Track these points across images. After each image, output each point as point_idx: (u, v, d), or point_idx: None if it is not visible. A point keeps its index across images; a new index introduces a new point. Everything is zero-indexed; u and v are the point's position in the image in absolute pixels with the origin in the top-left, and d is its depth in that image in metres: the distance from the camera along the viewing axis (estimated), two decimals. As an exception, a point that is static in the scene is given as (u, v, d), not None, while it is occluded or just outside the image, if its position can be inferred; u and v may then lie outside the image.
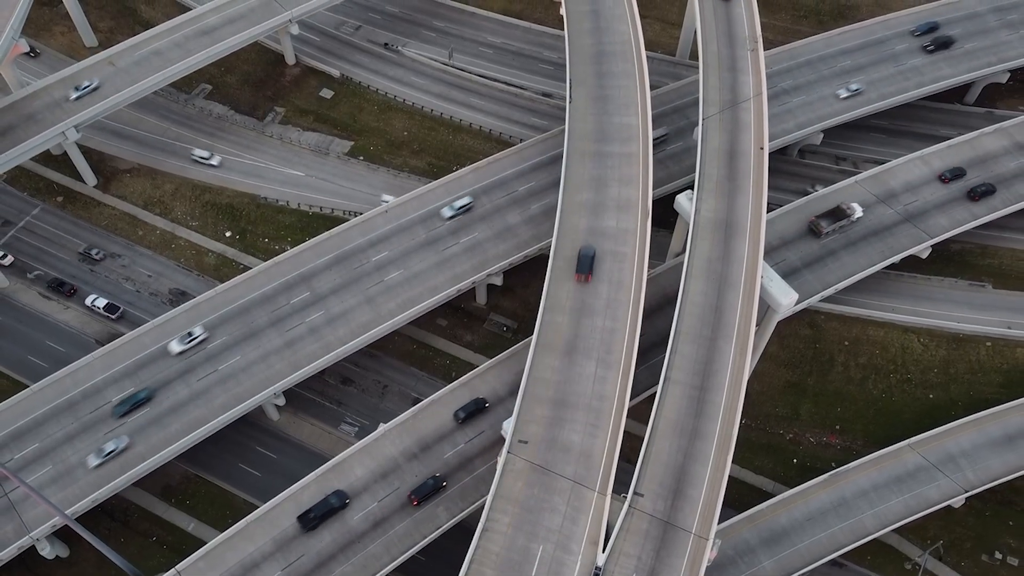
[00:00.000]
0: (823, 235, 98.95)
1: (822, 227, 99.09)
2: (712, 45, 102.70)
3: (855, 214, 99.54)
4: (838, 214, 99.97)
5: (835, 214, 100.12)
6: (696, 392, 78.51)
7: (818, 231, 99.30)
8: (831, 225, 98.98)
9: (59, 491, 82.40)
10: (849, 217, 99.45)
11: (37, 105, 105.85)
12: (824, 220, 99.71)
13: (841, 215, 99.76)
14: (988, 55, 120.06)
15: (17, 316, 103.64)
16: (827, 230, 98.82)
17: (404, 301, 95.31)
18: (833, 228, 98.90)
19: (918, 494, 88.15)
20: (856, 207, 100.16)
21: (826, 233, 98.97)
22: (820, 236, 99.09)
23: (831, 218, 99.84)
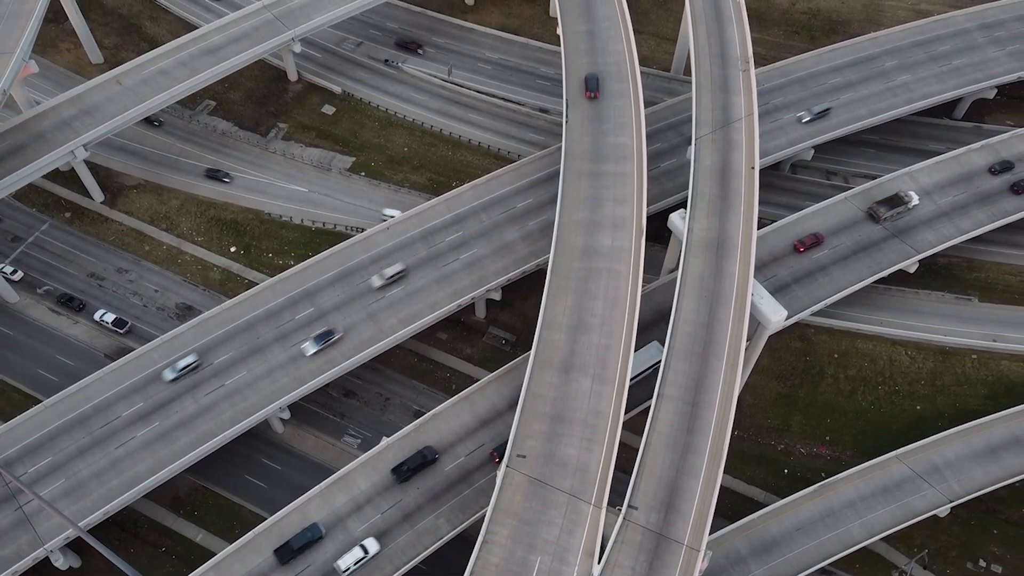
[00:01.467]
0: (881, 220, 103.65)
1: (881, 213, 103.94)
2: (705, 65, 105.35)
3: (912, 201, 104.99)
4: (895, 201, 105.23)
5: (893, 201, 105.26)
6: (688, 408, 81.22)
7: (877, 217, 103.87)
8: (889, 211, 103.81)
9: (71, 504, 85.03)
10: (906, 204, 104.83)
11: (47, 124, 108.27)
12: (883, 207, 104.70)
13: (899, 202, 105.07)
14: (975, 71, 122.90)
15: (27, 331, 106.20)
16: (885, 216, 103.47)
17: (405, 317, 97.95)
18: (891, 214, 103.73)
19: (904, 504, 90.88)
20: (913, 195, 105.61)
21: (884, 219, 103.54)
22: (879, 221, 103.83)
23: (889, 205, 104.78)
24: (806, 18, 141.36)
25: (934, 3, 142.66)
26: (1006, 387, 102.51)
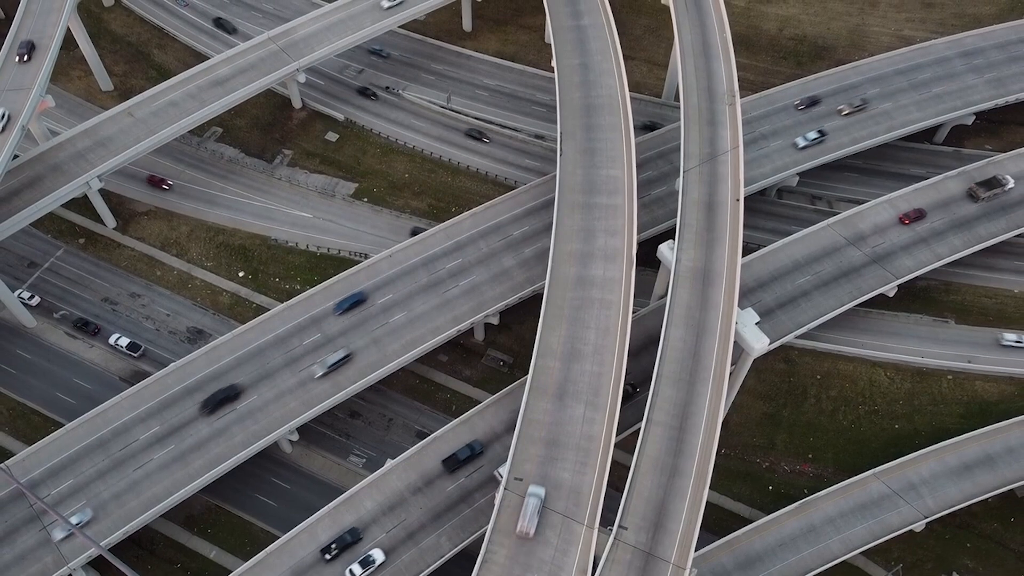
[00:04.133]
0: (980, 200, 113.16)
1: (980, 194, 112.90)
2: (693, 99, 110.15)
3: (1008, 184, 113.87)
4: (993, 183, 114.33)
5: (991, 183, 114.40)
6: (675, 432, 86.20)
7: (976, 196, 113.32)
8: (987, 192, 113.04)
9: (93, 524, 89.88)
10: (1003, 186, 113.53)
11: (63, 156, 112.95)
12: (982, 188, 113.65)
13: (996, 184, 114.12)
14: (955, 99, 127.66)
15: (45, 355, 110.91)
16: (983, 196, 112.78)
17: (408, 342, 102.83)
18: (989, 195, 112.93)
19: (881, 520, 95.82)
20: (1009, 178, 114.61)
21: (983, 199, 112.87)
22: (977, 200, 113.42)
23: (987, 186, 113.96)
24: (793, 44, 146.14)
25: (917, 29, 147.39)
26: (980, 407, 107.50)
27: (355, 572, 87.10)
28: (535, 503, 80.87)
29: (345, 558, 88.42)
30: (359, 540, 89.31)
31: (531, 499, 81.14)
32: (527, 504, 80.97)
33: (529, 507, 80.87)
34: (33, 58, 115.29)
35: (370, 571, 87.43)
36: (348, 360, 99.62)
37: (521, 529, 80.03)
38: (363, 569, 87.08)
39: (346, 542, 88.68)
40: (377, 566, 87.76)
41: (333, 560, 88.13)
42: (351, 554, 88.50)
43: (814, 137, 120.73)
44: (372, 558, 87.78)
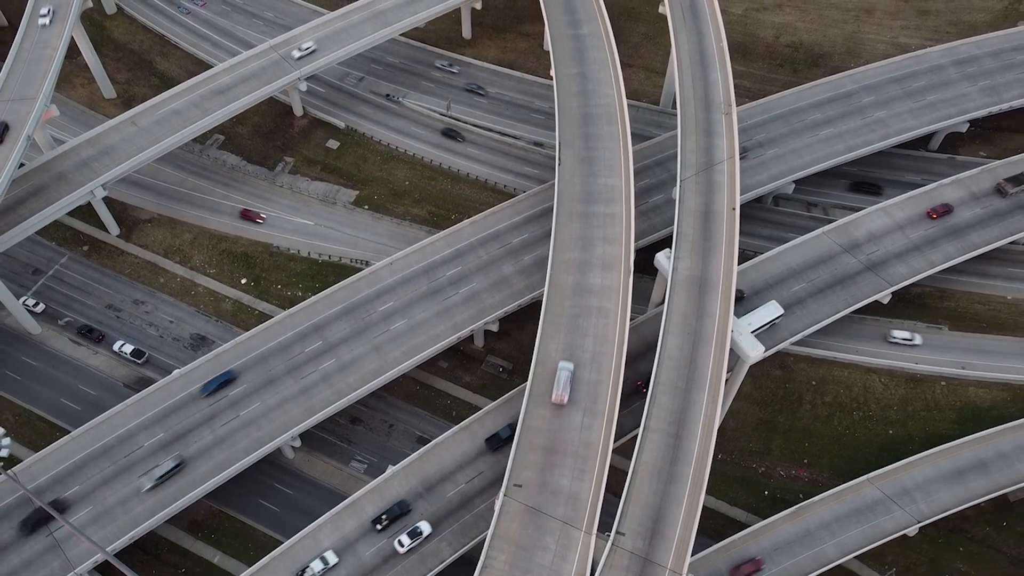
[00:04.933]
0: (1008, 195, 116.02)
1: (1008, 189, 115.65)
2: (690, 110, 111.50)
3: None
4: (1021, 179, 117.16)
5: (1019, 179, 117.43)
6: (672, 440, 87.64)
7: (1004, 192, 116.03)
8: (1015, 188, 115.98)
9: (99, 530, 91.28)
10: None
11: (67, 165, 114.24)
12: (1010, 183, 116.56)
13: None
14: (949, 107, 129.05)
15: (50, 361, 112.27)
16: (1012, 191, 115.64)
17: (409, 349, 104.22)
18: (1017, 190, 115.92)
19: (875, 524, 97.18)
20: None
21: (1011, 194, 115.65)
22: (1005, 196, 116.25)
23: (1015, 182, 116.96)
24: (789, 51, 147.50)
25: (912, 36, 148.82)
26: (973, 412, 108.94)
27: (403, 542, 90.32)
28: (566, 375, 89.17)
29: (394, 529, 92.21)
30: (408, 512, 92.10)
31: (563, 372, 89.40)
32: (559, 376, 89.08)
33: (561, 378, 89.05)
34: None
35: (417, 542, 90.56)
36: (180, 469, 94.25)
37: (556, 398, 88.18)
38: (411, 540, 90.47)
39: (396, 513, 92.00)
40: (424, 537, 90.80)
41: (384, 531, 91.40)
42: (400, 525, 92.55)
43: None
44: (419, 529, 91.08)
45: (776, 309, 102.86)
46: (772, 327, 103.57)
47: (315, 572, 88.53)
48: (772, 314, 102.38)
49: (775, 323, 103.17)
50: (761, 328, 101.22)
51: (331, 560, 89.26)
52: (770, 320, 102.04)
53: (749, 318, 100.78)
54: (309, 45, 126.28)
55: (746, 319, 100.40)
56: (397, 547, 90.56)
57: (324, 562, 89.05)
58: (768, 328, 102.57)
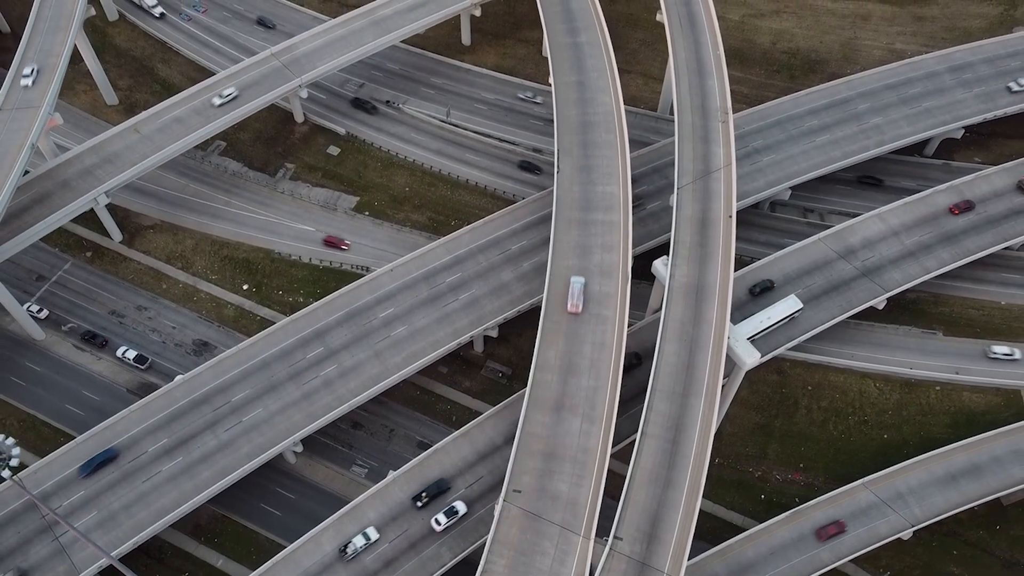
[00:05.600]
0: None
1: None
2: (687, 117, 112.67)
3: None
4: None
5: None
6: (669, 445, 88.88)
7: None
8: None
9: (104, 535, 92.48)
10: None
11: (71, 173, 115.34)
12: None
13: None
14: (944, 113, 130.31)
15: (54, 367, 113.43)
16: None
17: (409, 355, 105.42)
18: None
19: (870, 528, 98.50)
20: None
21: None
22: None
23: None
24: (786, 57, 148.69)
25: (908, 42, 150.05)
26: (967, 417, 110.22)
27: (440, 520, 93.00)
28: (579, 286, 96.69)
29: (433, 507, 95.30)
30: (447, 490, 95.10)
31: (575, 284, 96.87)
32: (572, 288, 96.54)
33: (575, 289, 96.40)
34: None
35: (453, 520, 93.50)
36: None
37: (571, 307, 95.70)
38: (447, 519, 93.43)
39: (435, 491, 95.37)
40: (460, 516, 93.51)
41: (424, 508, 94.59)
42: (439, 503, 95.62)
43: None
44: (456, 508, 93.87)
45: (795, 303, 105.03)
46: (769, 329, 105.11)
47: (357, 547, 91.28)
48: (791, 308, 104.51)
49: (794, 317, 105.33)
50: (780, 323, 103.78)
51: (372, 535, 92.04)
52: (788, 314, 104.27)
53: (769, 311, 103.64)
54: (230, 92, 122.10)
55: (765, 312, 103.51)
56: (434, 525, 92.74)
57: (366, 537, 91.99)
58: (787, 322, 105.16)
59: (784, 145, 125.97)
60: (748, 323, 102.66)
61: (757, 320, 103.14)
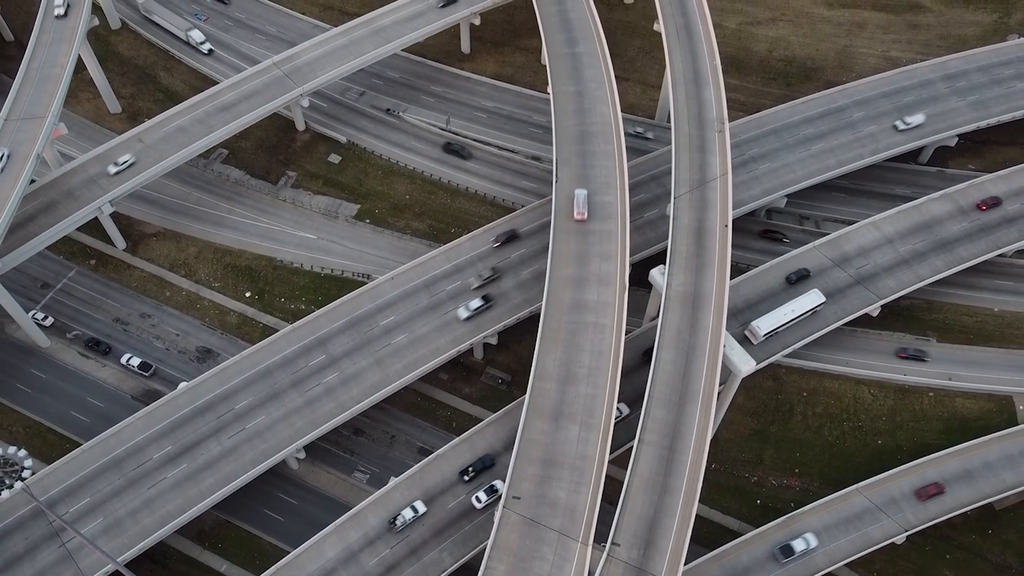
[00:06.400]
0: None
1: None
2: (684, 127, 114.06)
3: None
4: None
5: None
6: (666, 452, 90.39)
7: None
8: None
9: (110, 541, 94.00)
10: None
11: (75, 182, 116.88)
12: None
13: None
14: (938, 121, 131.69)
15: (59, 374, 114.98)
16: None
17: (409, 363, 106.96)
18: None
19: (864, 533, 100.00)
20: None
21: None
22: None
23: None
24: (782, 65, 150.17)
25: (903, 50, 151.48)
26: (960, 423, 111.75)
27: (480, 498, 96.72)
28: (583, 196, 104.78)
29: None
30: (493, 466, 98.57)
31: (579, 195, 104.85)
32: (577, 198, 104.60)
33: (580, 199, 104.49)
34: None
35: (493, 499, 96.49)
36: None
37: (577, 215, 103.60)
38: (487, 496, 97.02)
39: (481, 467, 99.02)
40: (499, 495, 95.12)
41: (470, 482, 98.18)
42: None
43: None
44: (496, 487, 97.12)
45: (818, 297, 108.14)
46: (792, 323, 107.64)
47: (406, 519, 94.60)
48: (814, 302, 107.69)
49: (816, 311, 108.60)
50: (802, 316, 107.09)
51: (420, 509, 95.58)
52: (811, 308, 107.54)
53: (792, 304, 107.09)
54: (126, 159, 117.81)
55: (789, 306, 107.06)
56: (475, 503, 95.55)
57: (414, 510, 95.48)
58: (810, 316, 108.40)
59: (780, 153, 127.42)
60: (771, 316, 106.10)
61: (781, 313, 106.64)
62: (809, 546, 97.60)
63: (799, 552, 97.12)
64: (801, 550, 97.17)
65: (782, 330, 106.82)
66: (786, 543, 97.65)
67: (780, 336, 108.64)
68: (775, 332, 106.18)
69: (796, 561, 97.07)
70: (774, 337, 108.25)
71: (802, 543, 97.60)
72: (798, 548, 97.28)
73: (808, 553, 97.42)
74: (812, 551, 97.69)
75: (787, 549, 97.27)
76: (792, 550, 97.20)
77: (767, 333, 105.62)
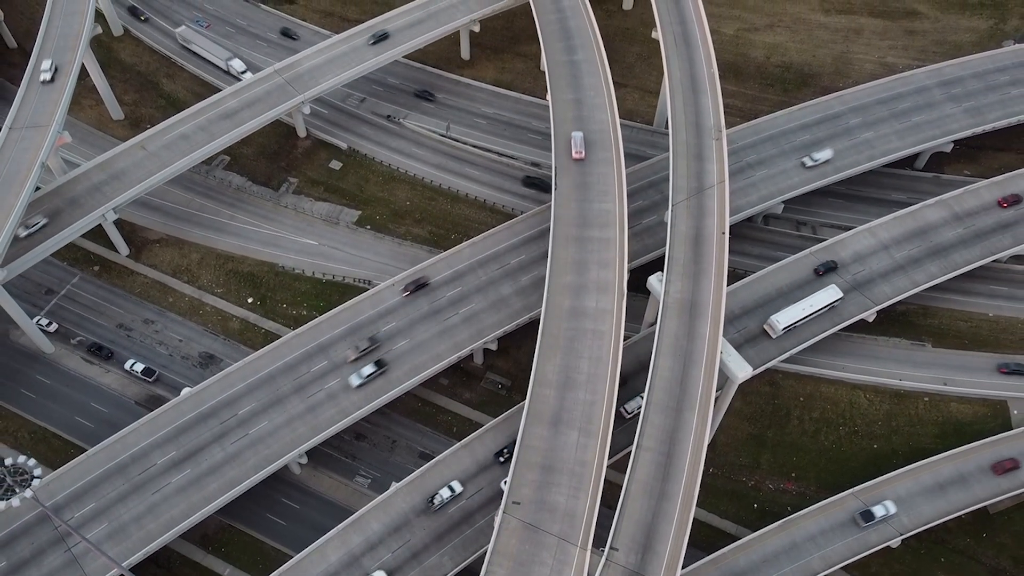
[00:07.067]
0: None
1: None
2: (681, 135, 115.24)
3: None
4: None
5: None
6: (664, 458, 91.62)
7: None
8: None
9: (115, 545, 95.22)
10: None
11: (79, 190, 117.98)
12: None
13: None
14: (933, 128, 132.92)
15: (63, 380, 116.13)
16: None
17: (411, 368, 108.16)
18: None
19: (860, 537, 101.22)
20: None
21: None
22: None
23: None
24: (780, 71, 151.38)
25: (900, 56, 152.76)
26: (955, 427, 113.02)
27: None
28: (580, 137, 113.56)
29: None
30: None
31: (576, 136, 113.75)
32: (574, 140, 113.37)
33: (576, 140, 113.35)
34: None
35: None
36: None
37: (575, 154, 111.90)
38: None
39: None
40: None
41: (506, 462, 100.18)
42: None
43: None
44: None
45: (835, 292, 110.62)
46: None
47: (444, 498, 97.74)
48: (832, 297, 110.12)
49: (834, 306, 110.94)
50: (819, 311, 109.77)
51: (457, 488, 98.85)
52: (829, 303, 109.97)
53: (811, 299, 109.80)
54: (37, 221, 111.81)
55: (807, 301, 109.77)
56: (503, 485, 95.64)
57: (451, 490, 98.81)
58: (827, 310, 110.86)
59: (777, 160, 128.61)
60: (790, 311, 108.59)
61: (799, 308, 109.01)
62: (889, 512, 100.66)
63: (879, 517, 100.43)
64: (881, 515, 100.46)
65: (800, 325, 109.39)
66: (867, 508, 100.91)
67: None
68: (793, 327, 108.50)
69: (875, 526, 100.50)
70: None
71: (882, 509, 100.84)
72: (878, 514, 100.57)
73: (887, 519, 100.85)
74: (892, 517, 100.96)
75: (867, 514, 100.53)
76: (872, 515, 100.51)
77: (786, 327, 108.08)
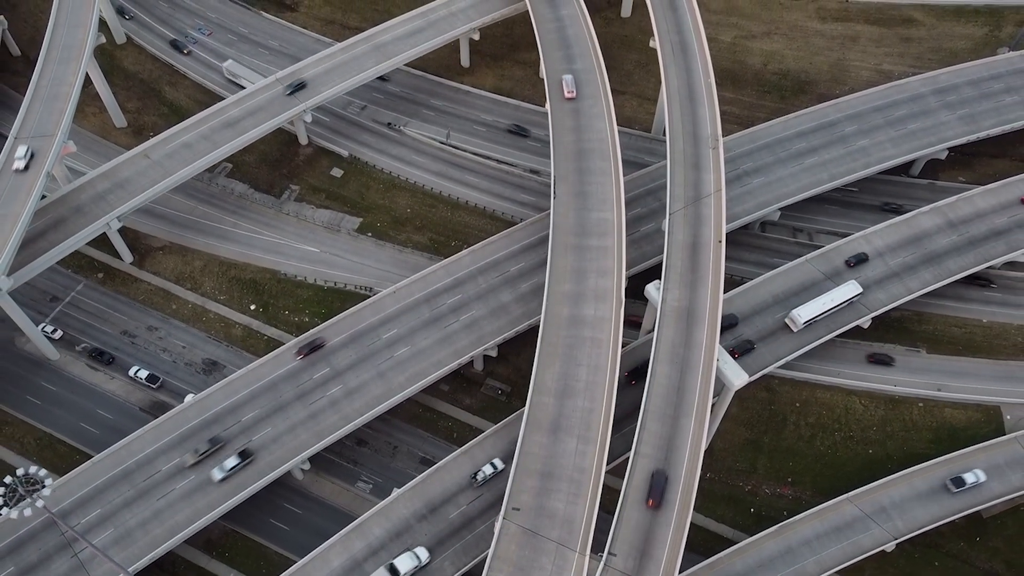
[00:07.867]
0: None
1: None
2: (679, 144, 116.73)
3: None
4: None
5: None
6: (661, 464, 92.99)
7: None
8: None
9: (121, 551, 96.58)
10: None
11: (84, 198, 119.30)
12: None
13: None
14: (929, 135, 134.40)
15: (68, 386, 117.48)
16: None
17: (412, 375, 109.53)
18: None
19: (854, 542, 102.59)
20: None
21: None
22: None
23: None
24: (776, 78, 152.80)
25: (896, 63, 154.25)
26: (949, 432, 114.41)
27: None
28: (570, 78, 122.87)
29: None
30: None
31: (566, 77, 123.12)
32: (565, 81, 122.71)
33: (568, 81, 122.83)
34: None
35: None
36: None
37: (567, 94, 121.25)
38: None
39: None
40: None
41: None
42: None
43: None
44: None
45: (855, 288, 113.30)
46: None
47: (487, 474, 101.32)
48: (851, 293, 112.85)
49: (853, 302, 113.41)
50: (839, 307, 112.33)
51: (499, 465, 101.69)
52: (848, 299, 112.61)
53: (832, 294, 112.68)
54: None
55: (829, 295, 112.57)
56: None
57: (494, 466, 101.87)
58: (847, 306, 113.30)
59: (773, 167, 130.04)
60: (810, 306, 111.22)
61: (820, 302, 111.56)
62: (979, 479, 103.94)
63: (970, 484, 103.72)
64: (971, 482, 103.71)
65: (821, 318, 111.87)
66: (958, 475, 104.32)
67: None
68: (814, 320, 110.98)
69: (967, 492, 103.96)
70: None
71: (972, 476, 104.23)
72: (969, 480, 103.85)
73: (977, 486, 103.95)
74: (981, 484, 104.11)
75: (958, 480, 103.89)
76: (963, 481, 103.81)
77: (807, 321, 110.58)
